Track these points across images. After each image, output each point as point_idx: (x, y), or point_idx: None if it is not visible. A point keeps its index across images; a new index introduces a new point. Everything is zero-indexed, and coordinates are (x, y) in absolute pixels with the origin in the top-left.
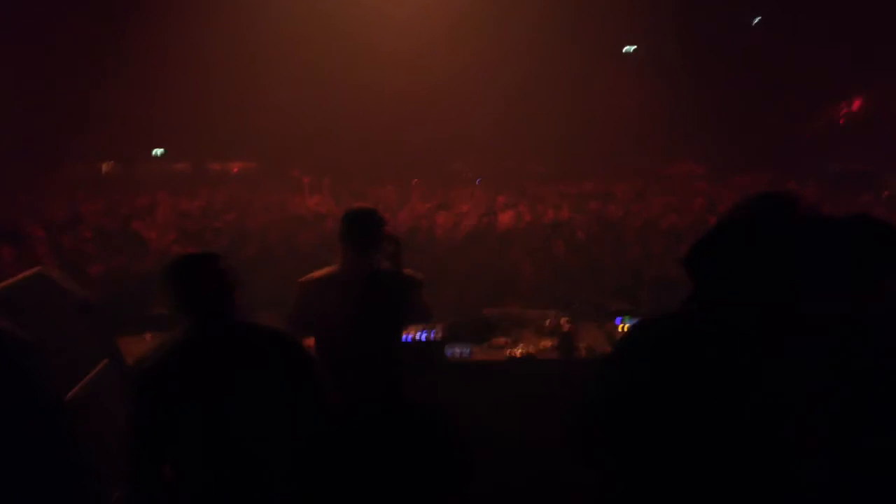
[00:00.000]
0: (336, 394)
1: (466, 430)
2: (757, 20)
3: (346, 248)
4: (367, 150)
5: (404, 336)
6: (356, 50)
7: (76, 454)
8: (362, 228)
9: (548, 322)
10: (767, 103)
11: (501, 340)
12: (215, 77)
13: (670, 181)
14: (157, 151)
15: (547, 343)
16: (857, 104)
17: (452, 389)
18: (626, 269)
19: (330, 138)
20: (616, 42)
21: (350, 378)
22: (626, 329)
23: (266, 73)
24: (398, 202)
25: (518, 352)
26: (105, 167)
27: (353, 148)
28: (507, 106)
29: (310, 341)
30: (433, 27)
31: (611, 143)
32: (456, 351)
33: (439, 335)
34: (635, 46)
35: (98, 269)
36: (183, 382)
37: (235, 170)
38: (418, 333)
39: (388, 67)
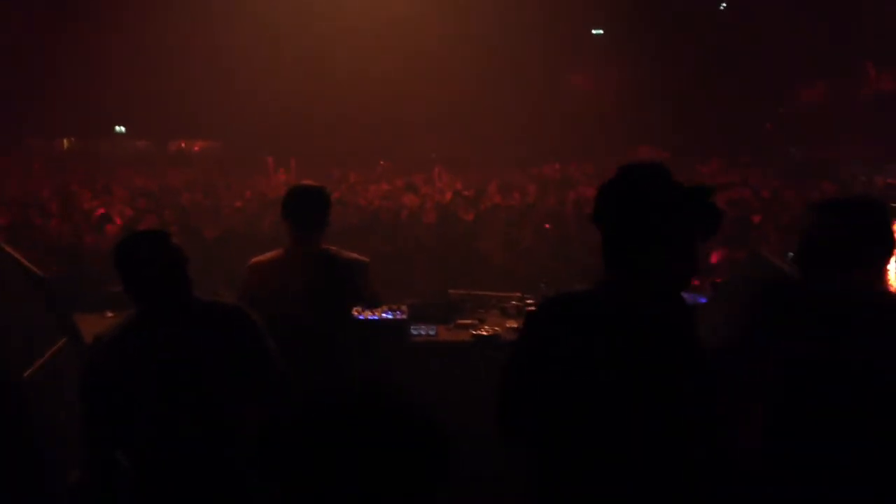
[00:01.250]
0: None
1: (432, 409)
2: (724, 5)
3: (290, 228)
4: (334, 132)
5: (372, 316)
6: (323, 31)
7: (31, 434)
8: (305, 208)
9: (513, 303)
10: (733, 89)
11: (467, 321)
12: (179, 54)
13: None
14: (119, 128)
15: (512, 324)
16: (820, 91)
17: (418, 368)
18: (590, 251)
19: (296, 119)
20: (584, 24)
21: (295, 361)
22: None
23: (230, 53)
24: (365, 184)
25: (483, 332)
26: (66, 143)
27: (318, 129)
28: (473, 88)
29: None
30: (400, 9)
31: (578, 127)
32: (421, 330)
33: (405, 315)
34: (602, 30)
35: (58, 246)
36: (135, 362)
37: (197, 148)
38: (383, 313)
39: (355, 49)
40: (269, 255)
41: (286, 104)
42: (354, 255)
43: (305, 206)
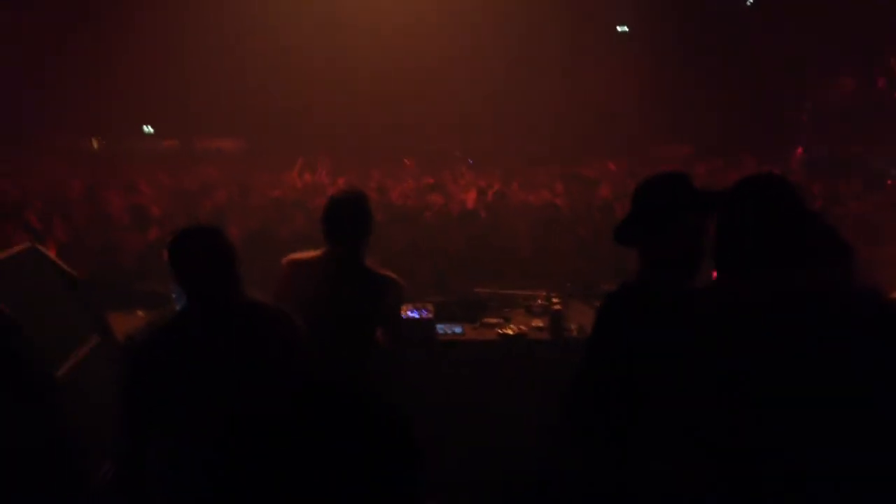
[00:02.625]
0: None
1: (458, 406)
2: (751, 1)
3: (327, 235)
4: (357, 129)
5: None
6: (345, 29)
7: (65, 432)
8: (343, 218)
9: (539, 301)
10: (759, 85)
11: (493, 319)
12: (205, 55)
13: (660, 163)
14: (148, 129)
15: (538, 322)
16: (848, 87)
17: (444, 367)
18: (616, 249)
19: (319, 117)
20: (609, 21)
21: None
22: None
23: (255, 54)
24: (390, 181)
25: (510, 331)
26: (96, 143)
27: (342, 126)
28: (498, 85)
29: None
30: (423, 6)
31: (602, 124)
32: (447, 329)
33: (430, 314)
34: (627, 27)
35: (92, 245)
36: (177, 360)
37: (224, 147)
38: (409, 312)
39: (378, 46)
40: (306, 254)
41: (311, 103)
42: (390, 275)
43: (344, 217)
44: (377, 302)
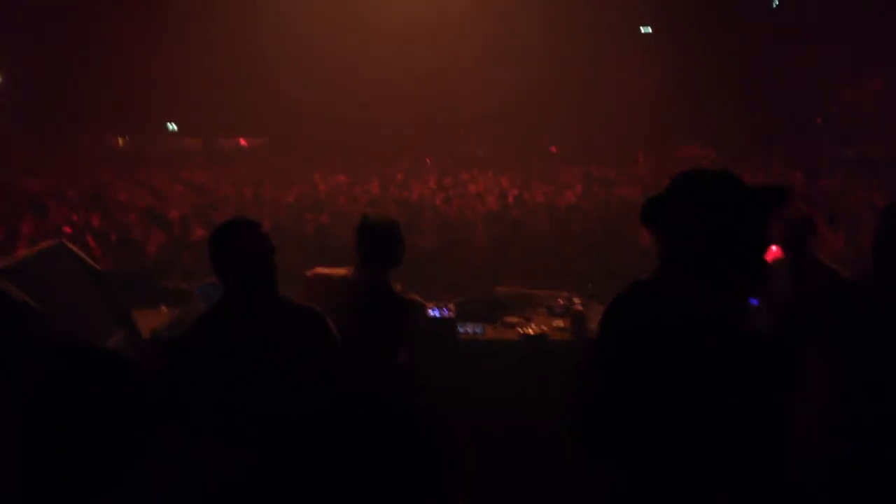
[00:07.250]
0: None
1: (478, 407)
2: (776, 2)
3: (359, 255)
4: (379, 128)
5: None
6: (368, 28)
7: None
8: (374, 245)
9: (560, 302)
10: (783, 87)
11: (514, 319)
12: (229, 53)
13: (683, 163)
14: (171, 126)
15: (559, 323)
16: (874, 89)
17: (465, 366)
18: (637, 250)
19: (342, 116)
20: (632, 22)
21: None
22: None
23: (277, 54)
24: (411, 180)
25: (531, 331)
26: (121, 141)
27: (364, 125)
28: (520, 86)
29: None
30: (448, 6)
31: (624, 125)
32: (468, 329)
33: (451, 313)
34: (650, 28)
35: (115, 242)
36: (215, 358)
37: (244, 144)
38: (430, 311)
39: (402, 46)
40: (334, 271)
41: (331, 101)
42: (416, 300)
43: (375, 243)
44: (403, 327)
